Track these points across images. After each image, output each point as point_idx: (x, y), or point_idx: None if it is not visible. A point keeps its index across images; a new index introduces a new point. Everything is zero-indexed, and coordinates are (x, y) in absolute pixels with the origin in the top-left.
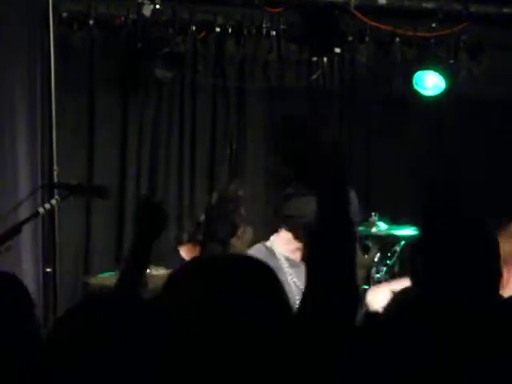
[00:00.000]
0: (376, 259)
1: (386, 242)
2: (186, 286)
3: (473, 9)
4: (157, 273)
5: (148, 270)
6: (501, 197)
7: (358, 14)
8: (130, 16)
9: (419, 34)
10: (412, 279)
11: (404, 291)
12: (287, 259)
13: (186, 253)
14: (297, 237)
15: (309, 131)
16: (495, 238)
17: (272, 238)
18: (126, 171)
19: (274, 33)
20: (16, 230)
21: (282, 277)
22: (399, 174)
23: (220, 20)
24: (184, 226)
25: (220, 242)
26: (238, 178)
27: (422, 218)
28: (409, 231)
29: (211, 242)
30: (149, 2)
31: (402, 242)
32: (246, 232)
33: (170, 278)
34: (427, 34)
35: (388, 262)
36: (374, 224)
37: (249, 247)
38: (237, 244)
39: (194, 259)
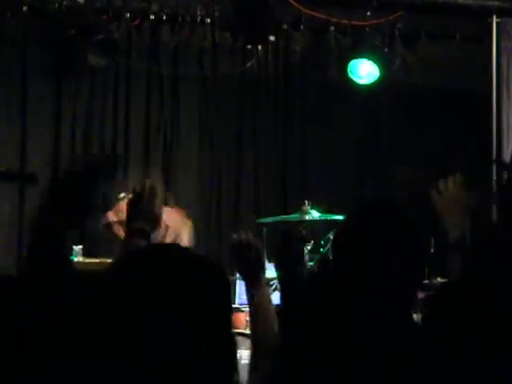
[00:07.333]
0: (309, 247)
1: (319, 230)
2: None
3: None
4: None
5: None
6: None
7: (293, 2)
8: (64, 3)
9: (354, 22)
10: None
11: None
12: None
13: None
14: None
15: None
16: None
17: None
18: (60, 159)
19: (208, 20)
20: None
21: None
22: (334, 161)
23: (154, 7)
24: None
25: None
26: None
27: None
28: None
29: (134, 237)
30: None
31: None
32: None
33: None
34: (362, 23)
35: (321, 250)
36: (307, 212)
37: None
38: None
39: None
